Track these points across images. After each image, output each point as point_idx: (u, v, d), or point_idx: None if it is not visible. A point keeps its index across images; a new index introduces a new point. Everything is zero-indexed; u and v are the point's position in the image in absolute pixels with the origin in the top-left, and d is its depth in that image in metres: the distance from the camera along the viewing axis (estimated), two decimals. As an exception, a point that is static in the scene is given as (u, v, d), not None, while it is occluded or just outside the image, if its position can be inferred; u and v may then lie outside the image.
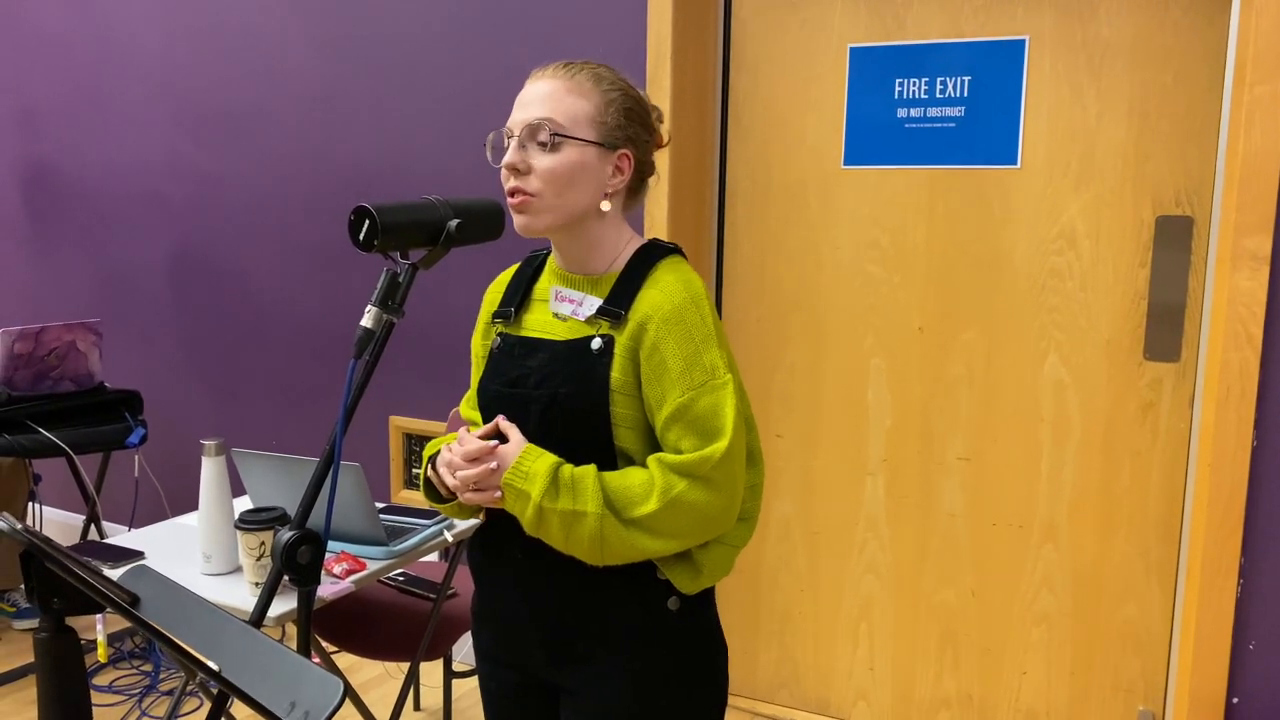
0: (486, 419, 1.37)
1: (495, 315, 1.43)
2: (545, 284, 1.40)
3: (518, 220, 1.31)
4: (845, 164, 2.50)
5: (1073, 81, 2.25)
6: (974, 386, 2.43)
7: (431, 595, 2.37)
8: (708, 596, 1.37)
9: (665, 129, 1.40)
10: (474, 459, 1.27)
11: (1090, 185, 2.26)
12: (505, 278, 1.48)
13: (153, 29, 3.37)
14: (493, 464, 1.26)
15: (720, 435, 1.24)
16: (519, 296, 1.41)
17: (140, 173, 3.48)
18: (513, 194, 1.29)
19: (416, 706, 2.75)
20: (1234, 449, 2.01)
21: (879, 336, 2.51)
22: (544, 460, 1.25)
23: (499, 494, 1.27)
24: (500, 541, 1.37)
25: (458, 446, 1.30)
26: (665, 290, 1.28)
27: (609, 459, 1.29)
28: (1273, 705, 2.04)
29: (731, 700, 2.77)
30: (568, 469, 1.25)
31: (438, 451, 1.40)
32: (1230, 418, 2.00)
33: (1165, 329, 2.23)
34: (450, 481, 1.30)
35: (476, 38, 2.77)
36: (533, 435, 1.30)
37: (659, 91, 2.48)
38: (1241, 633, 2.06)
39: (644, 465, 1.28)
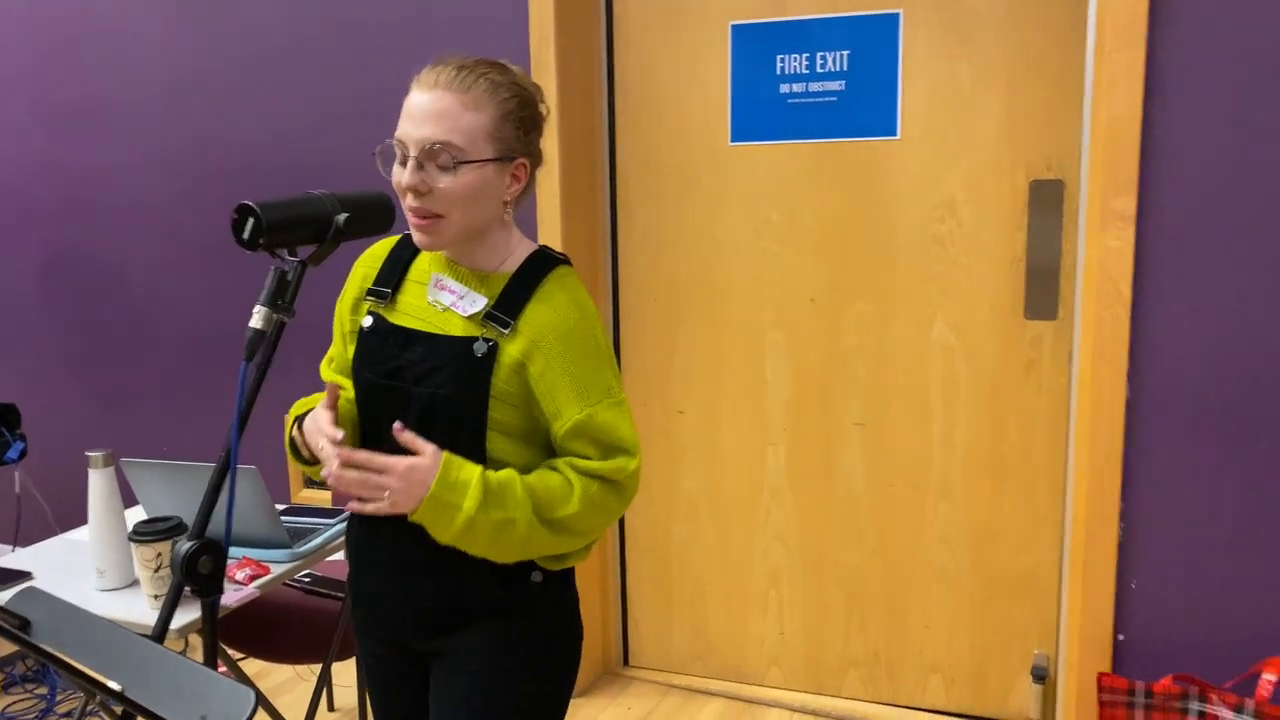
0: (364, 411, 1.38)
1: (370, 292, 1.41)
2: (424, 267, 1.39)
3: (421, 239, 1.30)
4: (733, 141, 2.53)
5: (946, 53, 2.32)
6: (867, 354, 2.50)
7: (339, 594, 2.34)
8: (569, 575, 1.44)
9: (545, 106, 1.39)
10: (365, 468, 1.24)
11: (967, 153, 2.34)
12: (381, 251, 1.45)
13: (6, 17, 3.19)
14: (393, 485, 1.23)
15: (629, 449, 1.32)
16: (396, 277, 1.40)
17: (1, 172, 3.30)
18: (416, 214, 1.28)
19: (331, 707, 2.71)
20: (1110, 401, 2.11)
21: (775, 310, 2.56)
22: (471, 469, 1.26)
23: (387, 505, 1.24)
24: (375, 523, 1.39)
25: (333, 449, 1.24)
26: (558, 309, 1.31)
27: (478, 461, 1.30)
28: (1154, 640, 2.17)
29: (646, 674, 2.80)
30: (492, 476, 1.28)
31: (305, 413, 1.38)
32: (1105, 372, 2.11)
33: (1043, 289, 2.32)
34: (328, 472, 1.25)
35: (355, 21, 2.70)
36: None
37: (544, 75, 2.46)
38: (1124, 574, 2.17)
39: (513, 471, 1.31)
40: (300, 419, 1.39)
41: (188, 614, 1.77)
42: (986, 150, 2.33)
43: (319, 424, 1.29)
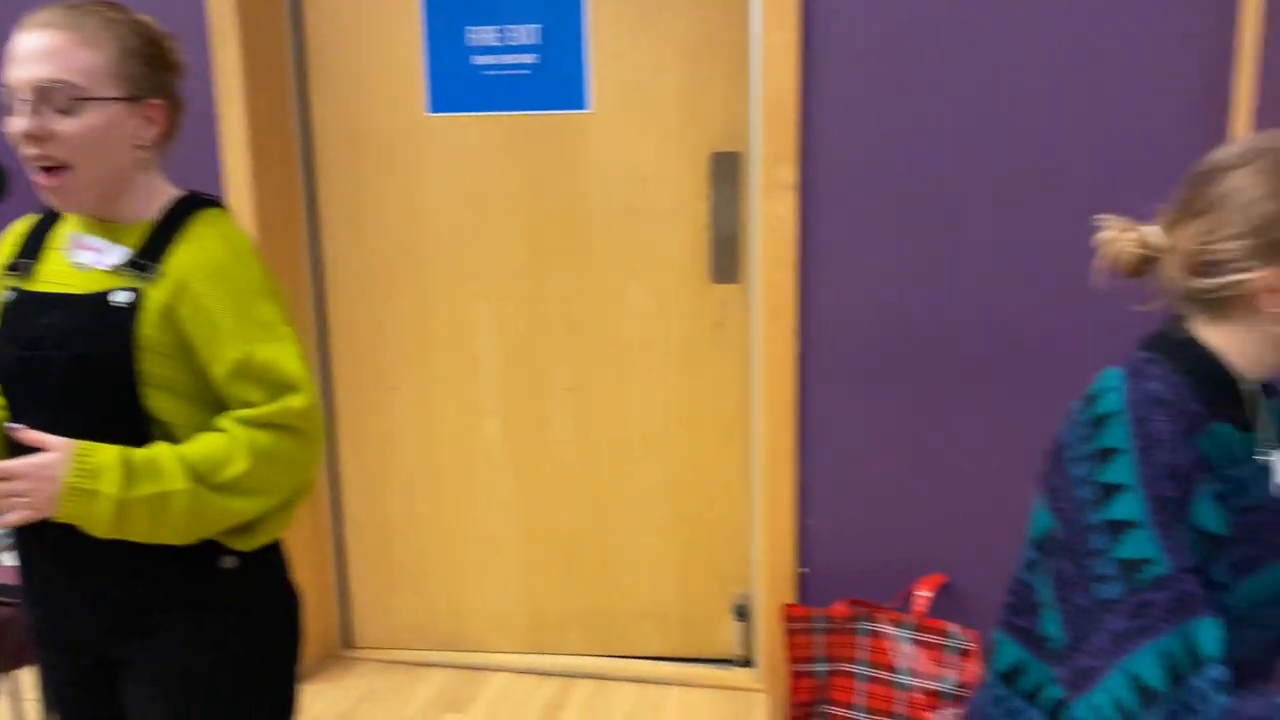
0: (9, 392, 1.27)
1: (9, 268, 1.31)
2: (65, 231, 1.31)
3: (53, 200, 1.22)
4: (430, 112, 2.52)
5: (630, 29, 2.42)
6: (571, 321, 2.57)
7: (8, 600, 2.16)
8: (272, 552, 1.38)
9: (178, 47, 1.34)
10: None
11: (654, 126, 2.45)
12: (21, 227, 1.36)
13: None
14: (24, 489, 1.15)
15: (295, 385, 1.24)
16: (36, 248, 1.31)
17: None
18: (43, 171, 1.20)
19: (19, 725, 2.51)
20: (783, 357, 2.29)
21: (481, 281, 2.58)
22: (108, 451, 1.18)
23: (29, 511, 1.16)
24: (36, 523, 1.29)
25: None
26: (205, 246, 1.25)
27: (139, 425, 1.24)
28: (831, 570, 2.38)
29: (368, 654, 2.78)
30: (137, 453, 1.19)
31: None
32: (778, 330, 2.29)
33: (725, 255, 2.48)
34: None
35: (6, -19, 2.47)
36: (56, 403, 1.22)
37: (226, 45, 2.35)
38: (803, 514, 2.37)
39: (178, 432, 1.25)
40: None
41: None
42: (670, 123, 2.44)
43: None
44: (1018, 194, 2.17)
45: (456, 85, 2.50)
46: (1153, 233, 1.10)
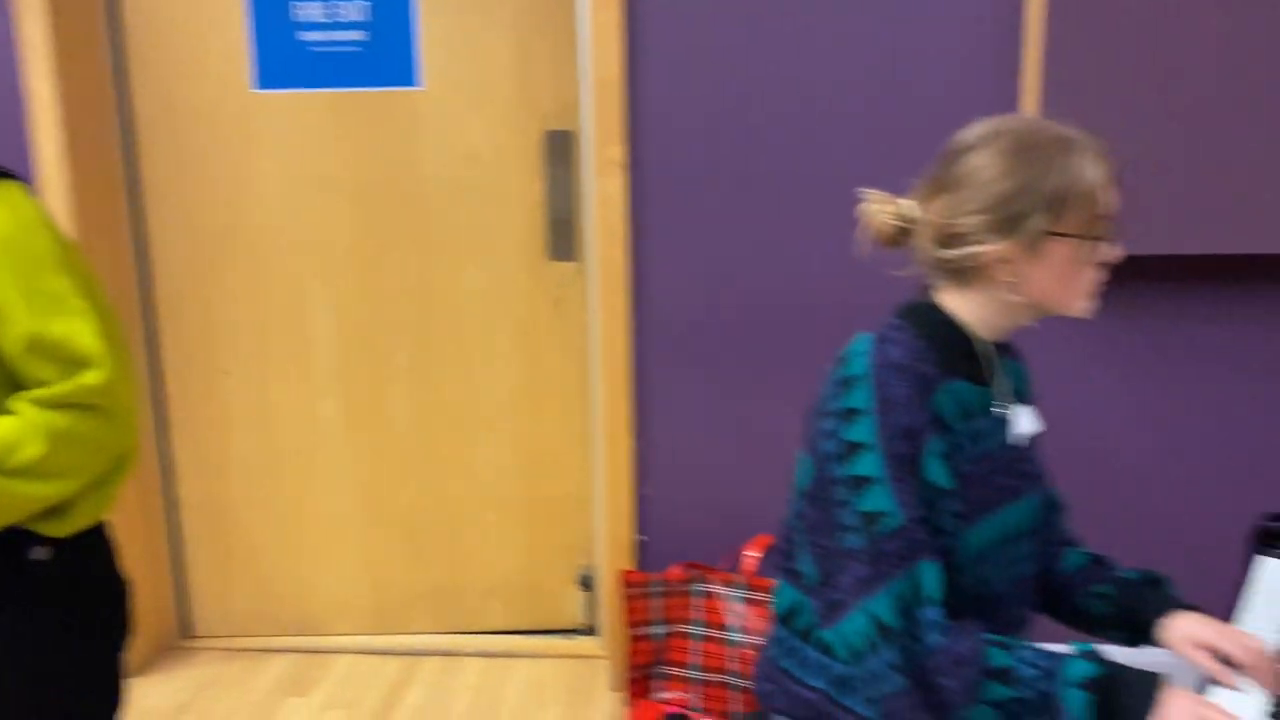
0: None
1: None
2: None
3: None
4: (257, 88, 2.47)
5: (458, 6, 2.42)
6: (408, 300, 2.57)
7: None
8: (95, 537, 1.34)
9: None
10: None
11: (485, 105, 2.47)
12: None
13: None
14: None
15: (90, 361, 1.20)
16: None
17: None
18: None
19: None
20: (618, 332, 2.35)
21: (314, 261, 2.55)
22: None
23: None
24: None
25: None
26: None
27: None
28: (666, 536, 2.47)
29: (208, 643, 2.73)
30: None
31: None
32: (613, 306, 2.34)
33: (562, 233, 2.52)
34: None
35: None
36: None
37: (30, 15, 2.25)
38: (641, 484, 2.44)
39: None
40: None
41: None
42: (502, 102, 2.46)
43: None
44: (838, 172, 2.27)
45: (284, 61, 2.45)
46: (908, 206, 1.19)
